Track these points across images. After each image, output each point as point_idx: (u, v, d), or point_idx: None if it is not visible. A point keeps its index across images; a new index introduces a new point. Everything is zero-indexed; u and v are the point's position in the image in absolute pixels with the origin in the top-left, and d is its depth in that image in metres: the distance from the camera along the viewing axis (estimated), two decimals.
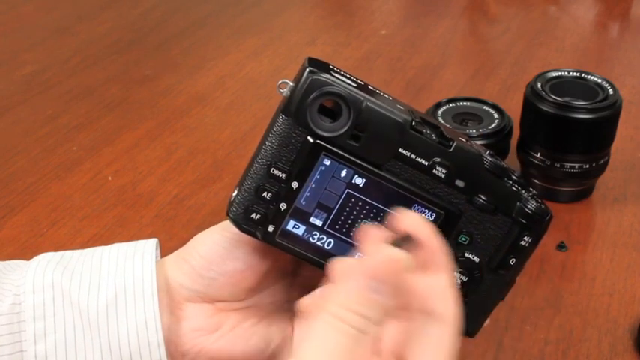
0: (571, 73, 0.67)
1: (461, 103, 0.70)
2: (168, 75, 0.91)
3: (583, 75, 0.67)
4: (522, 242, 0.43)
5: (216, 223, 0.46)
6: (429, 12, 1.10)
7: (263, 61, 0.95)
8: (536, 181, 0.68)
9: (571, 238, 0.64)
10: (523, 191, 0.43)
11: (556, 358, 0.52)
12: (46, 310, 0.41)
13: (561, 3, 1.13)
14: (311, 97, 0.38)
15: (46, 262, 0.43)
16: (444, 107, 0.69)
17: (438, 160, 0.40)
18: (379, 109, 0.39)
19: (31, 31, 1.04)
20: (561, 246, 0.62)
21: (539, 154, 0.66)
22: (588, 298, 0.57)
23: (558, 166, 0.65)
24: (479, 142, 0.64)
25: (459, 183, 0.41)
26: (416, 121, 0.40)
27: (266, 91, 0.87)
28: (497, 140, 0.66)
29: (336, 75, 0.38)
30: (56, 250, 0.46)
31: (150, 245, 0.44)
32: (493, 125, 0.67)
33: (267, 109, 0.83)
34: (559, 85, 0.66)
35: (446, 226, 0.42)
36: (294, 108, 0.38)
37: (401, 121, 0.39)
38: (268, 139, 0.39)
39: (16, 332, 0.41)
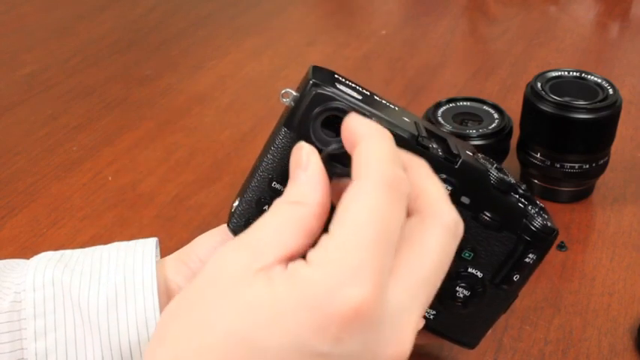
0: (571, 73, 0.67)
1: (461, 103, 0.70)
2: (169, 75, 0.91)
3: (583, 75, 0.67)
4: (527, 260, 0.43)
5: (216, 223, 0.46)
6: (429, 12, 1.10)
7: (263, 61, 0.95)
8: (536, 181, 0.68)
9: (571, 238, 0.64)
10: (530, 206, 0.42)
11: (556, 358, 0.52)
12: (46, 307, 0.41)
13: (561, 3, 1.13)
14: (314, 112, 0.36)
15: (46, 260, 0.43)
16: (444, 107, 0.69)
17: (444, 176, 0.39)
18: (384, 125, 0.37)
19: (31, 31, 1.04)
20: (561, 246, 0.62)
21: (539, 154, 0.66)
22: (588, 298, 0.57)
23: (558, 166, 0.65)
24: (479, 143, 0.64)
25: (465, 199, 0.40)
26: (422, 136, 0.38)
27: (266, 91, 0.87)
28: (497, 140, 0.66)
29: (341, 87, 0.37)
30: (56, 250, 0.46)
31: (150, 244, 0.44)
32: (493, 125, 0.67)
33: (267, 109, 0.83)
34: (559, 85, 0.66)
35: None
36: (296, 122, 0.37)
37: (407, 136, 0.38)
38: (270, 151, 0.38)
39: (16, 330, 0.41)
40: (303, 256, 0.29)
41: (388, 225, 0.29)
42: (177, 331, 0.28)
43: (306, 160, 0.32)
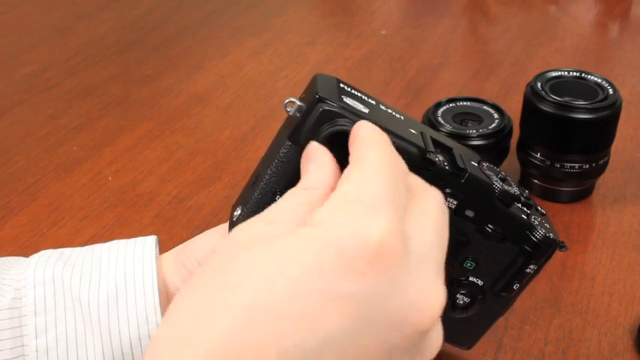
0: (571, 73, 0.67)
1: (461, 103, 0.70)
2: (169, 75, 0.91)
3: (583, 75, 0.67)
4: (528, 270, 0.43)
5: (216, 223, 0.46)
6: (429, 12, 1.10)
7: (263, 61, 0.95)
8: (536, 181, 0.68)
9: (571, 238, 0.64)
10: (532, 216, 0.42)
11: (556, 358, 0.52)
12: (47, 304, 0.41)
13: (561, 3, 1.13)
14: (320, 129, 0.35)
15: (46, 257, 0.43)
16: (444, 107, 0.69)
17: (449, 191, 0.39)
18: (391, 139, 0.37)
19: (31, 31, 1.04)
20: (561, 246, 0.62)
21: (539, 154, 0.66)
22: (588, 298, 0.57)
23: (558, 166, 0.65)
24: (479, 143, 0.64)
25: (469, 213, 0.40)
26: (429, 151, 0.37)
27: (266, 91, 0.87)
28: (497, 140, 0.66)
29: (347, 99, 0.36)
30: None
31: (149, 242, 0.44)
32: (493, 125, 0.67)
33: (267, 109, 0.83)
34: (559, 85, 0.66)
35: (452, 253, 0.41)
36: (302, 138, 0.36)
37: (413, 152, 0.37)
38: (274, 164, 0.37)
39: (17, 327, 0.41)
40: None
41: (394, 166, 0.30)
42: (196, 300, 0.27)
43: (314, 154, 0.34)
